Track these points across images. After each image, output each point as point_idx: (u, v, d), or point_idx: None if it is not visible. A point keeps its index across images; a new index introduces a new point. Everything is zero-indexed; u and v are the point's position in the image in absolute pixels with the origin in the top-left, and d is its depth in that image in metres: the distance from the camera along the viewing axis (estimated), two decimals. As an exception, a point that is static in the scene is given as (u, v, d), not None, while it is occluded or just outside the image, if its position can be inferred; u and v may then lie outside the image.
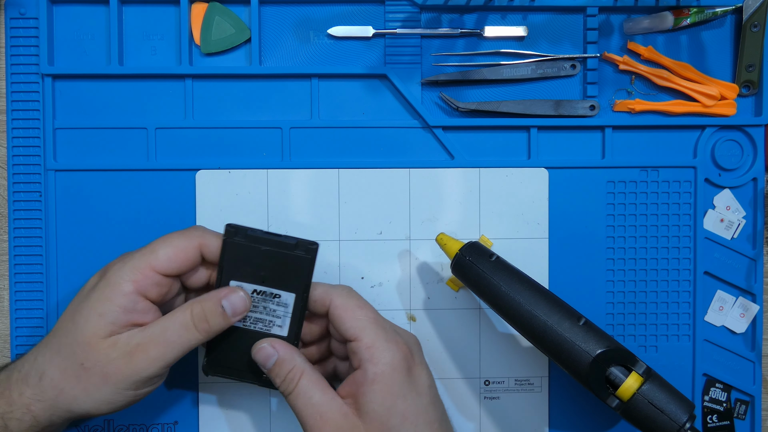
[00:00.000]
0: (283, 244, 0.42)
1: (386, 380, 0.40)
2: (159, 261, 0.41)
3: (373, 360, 0.40)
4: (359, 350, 0.41)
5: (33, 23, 0.50)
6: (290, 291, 0.43)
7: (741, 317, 0.52)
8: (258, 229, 0.42)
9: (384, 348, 0.41)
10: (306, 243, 0.42)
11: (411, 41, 0.51)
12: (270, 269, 0.42)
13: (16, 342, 0.50)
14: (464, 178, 0.51)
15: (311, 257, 0.42)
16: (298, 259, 0.42)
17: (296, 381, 0.41)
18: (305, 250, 0.42)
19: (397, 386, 0.40)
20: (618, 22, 0.52)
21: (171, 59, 0.51)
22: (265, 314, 0.43)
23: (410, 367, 0.42)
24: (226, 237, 0.42)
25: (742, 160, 0.52)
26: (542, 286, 0.45)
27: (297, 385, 0.41)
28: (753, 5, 0.51)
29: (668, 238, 0.52)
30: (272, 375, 0.42)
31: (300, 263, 0.42)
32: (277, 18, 0.51)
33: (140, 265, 0.41)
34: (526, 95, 0.52)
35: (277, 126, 0.51)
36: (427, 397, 0.42)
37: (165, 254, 0.41)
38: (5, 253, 0.52)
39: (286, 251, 0.42)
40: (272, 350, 0.42)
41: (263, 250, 0.42)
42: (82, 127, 0.51)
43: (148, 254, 0.41)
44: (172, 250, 0.41)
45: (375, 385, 0.40)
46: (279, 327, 0.43)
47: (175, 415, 0.51)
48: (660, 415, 0.41)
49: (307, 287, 0.43)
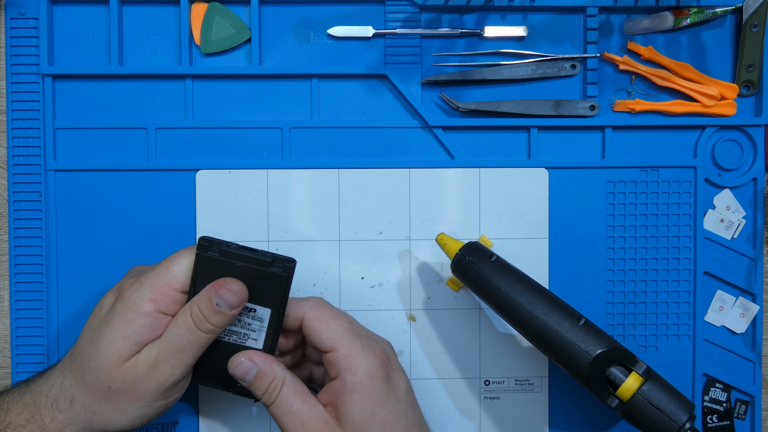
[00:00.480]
0: (259, 261, 0.41)
1: (365, 389, 0.40)
2: (175, 278, 0.41)
3: (351, 370, 0.41)
4: (336, 361, 0.41)
5: (33, 23, 0.50)
6: (266, 306, 0.42)
7: (741, 317, 0.52)
8: (233, 243, 0.41)
9: (361, 357, 0.41)
10: (283, 260, 0.41)
11: (411, 41, 0.51)
12: (245, 284, 0.41)
13: (16, 342, 0.50)
14: (464, 178, 0.51)
15: (288, 275, 0.41)
16: (275, 276, 0.41)
17: (277, 391, 0.41)
18: (282, 267, 0.41)
19: (376, 394, 0.41)
20: (618, 22, 0.52)
21: (171, 59, 0.51)
22: (239, 327, 0.43)
23: (388, 374, 0.42)
24: (199, 251, 0.41)
25: (742, 160, 0.52)
26: (542, 286, 0.45)
27: (278, 396, 0.41)
28: (753, 5, 0.51)
29: (668, 238, 0.52)
30: (253, 388, 0.42)
31: (276, 280, 0.41)
32: (277, 18, 0.51)
33: (157, 284, 0.41)
34: (526, 95, 0.52)
35: (277, 126, 0.51)
36: (406, 402, 0.42)
37: (180, 270, 0.41)
38: (5, 253, 0.52)
39: (261, 268, 0.41)
40: (250, 363, 0.42)
41: (239, 266, 0.41)
42: (82, 127, 0.51)
43: (164, 272, 0.41)
44: (186, 266, 0.41)
45: (354, 395, 0.40)
46: (254, 340, 0.43)
47: (175, 415, 0.51)
48: (660, 415, 0.41)
49: (284, 303, 0.42)
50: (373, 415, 0.40)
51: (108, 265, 0.50)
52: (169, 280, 0.41)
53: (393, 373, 0.42)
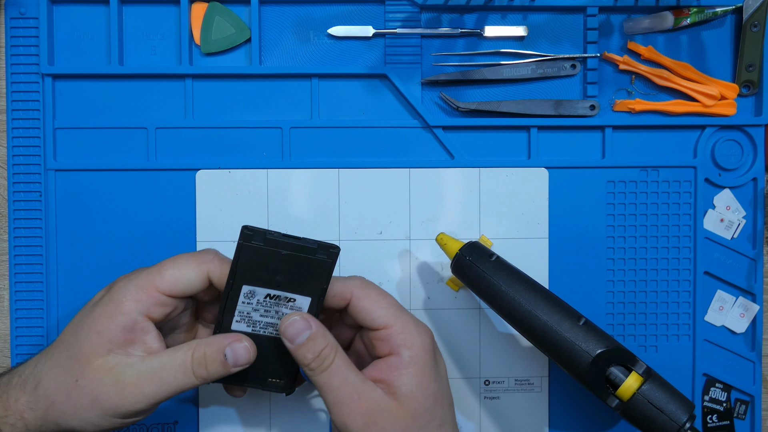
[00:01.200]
0: (304, 248, 0.40)
1: (421, 363, 0.41)
2: (164, 282, 0.40)
3: (406, 345, 0.41)
4: (390, 337, 0.41)
5: (33, 23, 0.50)
6: (306, 295, 0.41)
7: (741, 317, 0.52)
8: (276, 232, 0.40)
9: (416, 333, 0.41)
10: (327, 246, 0.41)
11: (411, 41, 0.51)
12: (287, 273, 0.41)
13: (16, 342, 0.50)
14: (464, 178, 0.51)
15: (332, 261, 0.41)
16: (319, 263, 0.41)
17: (332, 358, 0.40)
18: (327, 253, 0.41)
19: (429, 368, 0.41)
20: (618, 22, 0.52)
21: (171, 59, 0.51)
22: (276, 318, 0.42)
23: (435, 351, 0.42)
24: (243, 240, 0.40)
25: (742, 160, 0.52)
26: (542, 286, 0.45)
27: (333, 363, 0.40)
28: (753, 5, 0.51)
29: (668, 238, 0.52)
30: (303, 350, 0.40)
31: (320, 267, 0.41)
32: (277, 18, 0.51)
33: (145, 284, 0.40)
34: (526, 95, 0.52)
35: (277, 126, 0.51)
36: (447, 381, 0.43)
37: (171, 275, 0.40)
38: (5, 253, 0.52)
39: (306, 255, 0.40)
40: (305, 323, 0.40)
41: (283, 254, 0.40)
42: (82, 127, 0.51)
43: (155, 273, 0.41)
44: (179, 272, 0.41)
45: (411, 368, 0.40)
46: None
47: (175, 415, 0.51)
48: (660, 415, 0.41)
49: (324, 291, 0.41)
50: (428, 389, 0.40)
51: (108, 265, 0.50)
52: (158, 282, 0.40)
53: (436, 352, 0.43)
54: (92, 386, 0.39)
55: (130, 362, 0.40)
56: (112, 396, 0.39)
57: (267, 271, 0.41)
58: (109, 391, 0.39)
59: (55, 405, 0.40)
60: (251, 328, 0.42)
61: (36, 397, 0.40)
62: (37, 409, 0.40)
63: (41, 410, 0.40)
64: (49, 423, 0.40)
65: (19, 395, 0.40)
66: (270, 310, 0.42)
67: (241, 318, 0.42)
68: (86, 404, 0.39)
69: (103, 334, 0.39)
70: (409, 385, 0.40)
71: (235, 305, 0.41)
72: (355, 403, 0.39)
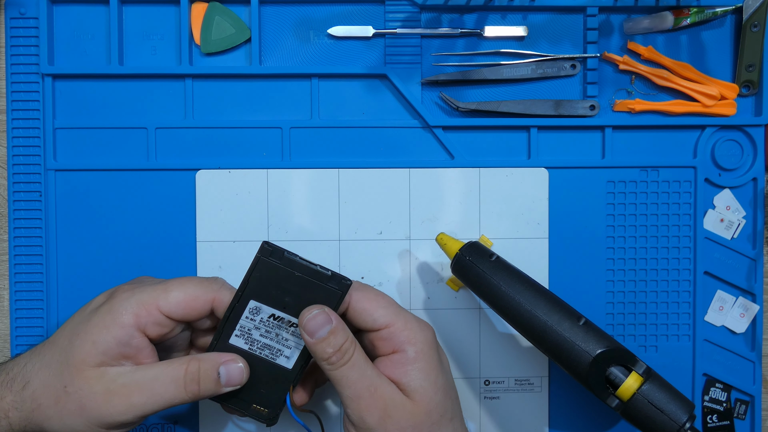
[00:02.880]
0: (318, 274, 0.40)
1: (426, 357, 0.41)
2: (167, 303, 0.40)
3: (411, 341, 0.41)
4: (394, 335, 0.41)
5: (33, 23, 0.50)
6: None
7: (741, 317, 0.52)
8: (294, 253, 0.40)
9: (418, 329, 0.41)
10: (340, 277, 0.40)
11: (411, 41, 0.51)
12: (296, 296, 0.40)
13: (16, 342, 0.50)
14: (464, 178, 0.51)
15: (342, 292, 0.41)
16: (329, 292, 0.40)
17: (351, 352, 0.40)
18: (338, 284, 0.40)
19: (434, 362, 0.41)
20: (618, 22, 0.52)
21: (171, 59, 0.51)
22: (275, 341, 0.42)
23: (437, 346, 0.43)
24: (261, 254, 0.40)
25: (742, 160, 0.52)
26: (542, 286, 0.45)
27: (353, 357, 0.40)
28: (753, 5, 0.51)
29: (668, 238, 0.52)
30: (323, 345, 0.39)
31: (329, 296, 0.40)
32: (277, 18, 0.51)
33: (147, 300, 0.40)
34: (526, 95, 0.52)
35: (277, 126, 0.51)
36: (451, 375, 0.44)
37: (175, 298, 0.40)
38: (5, 253, 0.52)
39: (318, 281, 0.40)
40: (326, 317, 0.40)
41: (296, 275, 0.40)
42: (82, 127, 0.51)
43: (159, 292, 0.40)
44: (184, 296, 0.40)
45: (417, 363, 0.40)
46: (286, 358, 0.42)
47: (175, 415, 0.51)
48: (660, 415, 0.41)
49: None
50: (436, 382, 0.41)
51: (108, 265, 0.50)
52: (160, 302, 0.40)
53: (439, 346, 0.43)
54: (81, 394, 0.39)
55: (122, 371, 0.39)
56: (100, 405, 0.39)
57: (277, 290, 0.41)
58: (97, 400, 0.39)
59: (41, 408, 0.39)
60: (248, 345, 0.42)
61: (23, 397, 0.39)
62: (22, 410, 0.39)
63: (27, 411, 0.39)
64: (33, 425, 0.40)
65: (5, 393, 0.40)
66: (271, 331, 0.41)
67: (242, 333, 0.41)
68: (73, 411, 0.39)
69: (98, 345, 0.39)
70: (418, 380, 0.40)
71: (238, 318, 0.41)
72: (372, 397, 0.39)
